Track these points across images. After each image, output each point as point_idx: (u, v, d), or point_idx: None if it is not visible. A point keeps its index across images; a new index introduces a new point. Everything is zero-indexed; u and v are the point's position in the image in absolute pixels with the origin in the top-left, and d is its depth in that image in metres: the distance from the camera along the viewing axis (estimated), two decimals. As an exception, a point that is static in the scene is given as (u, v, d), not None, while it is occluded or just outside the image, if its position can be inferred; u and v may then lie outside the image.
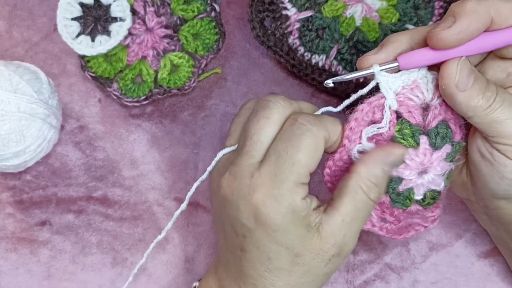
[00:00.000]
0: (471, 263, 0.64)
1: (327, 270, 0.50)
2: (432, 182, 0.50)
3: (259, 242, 0.48)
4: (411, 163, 0.49)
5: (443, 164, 0.50)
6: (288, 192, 0.47)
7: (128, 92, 0.63)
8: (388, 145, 0.49)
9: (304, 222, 0.47)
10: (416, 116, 0.49)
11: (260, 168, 0.47)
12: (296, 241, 0.48)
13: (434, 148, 0.49)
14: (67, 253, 0.64)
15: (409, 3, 0.64)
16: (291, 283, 0.50)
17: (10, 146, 0.58)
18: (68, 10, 0.60)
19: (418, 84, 0.49)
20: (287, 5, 0.64)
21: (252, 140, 0.48)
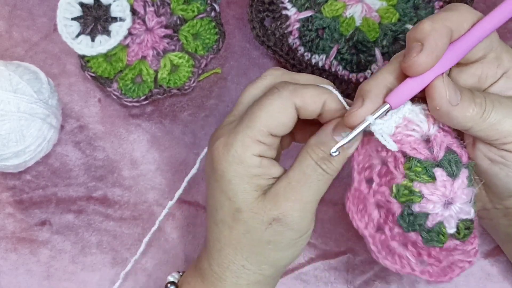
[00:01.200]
0: (471, 263, 0.64)
1: (268, 237, 0.49)
2: (461, 211, 0.48)
3: (212, 190, 0.50)
4: (433, 198, 0.48)
5: (467, 191, 0.49)
6: (239, 143, 0.48)
7: (128, 92, 0.63)
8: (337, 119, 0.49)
9: (252, 180, 0.48)
10: (422, 150, 0.48)
11: (231, 123, 0.50)
12: (239, 194, 0.49)
13: (453, 177, 0.48)
14: (67, 253, 0.64)
15: (409, 3, 0.64)
16: (233, 241, 0.50)
17: (10, 146, 0.58)
18: (68, 10, 0.61)
19: (410, 119, 0.48)
20: (287, 5, 0.64)
21: (237, 102, 0.52)
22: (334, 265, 0.64)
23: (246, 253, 0.51)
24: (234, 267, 0.51)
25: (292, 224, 0.49)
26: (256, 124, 0.48)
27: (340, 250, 0.64)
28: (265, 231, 0.49)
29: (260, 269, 0.51)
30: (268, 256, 0.51)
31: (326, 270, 0.64)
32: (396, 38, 0.64)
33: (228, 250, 0.51)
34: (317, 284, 0.64)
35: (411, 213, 0.48)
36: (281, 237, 0.49)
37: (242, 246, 0.50)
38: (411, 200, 0.48)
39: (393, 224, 0.49)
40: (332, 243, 0.64)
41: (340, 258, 0.64)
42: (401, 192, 0.48)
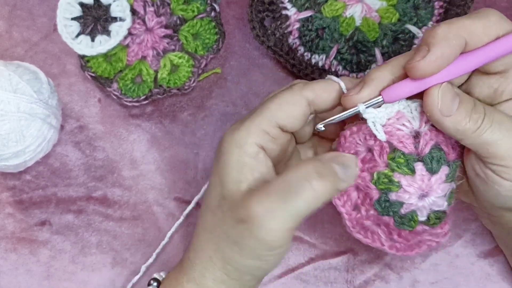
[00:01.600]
0: (471, 263, 0.64)
1: (234, 236, 0.47)
2: (434, 204, 0.50)
3: (212, 172, 0.49)
4: (409, 189, 0.49)
5: (443, 186, 0.50)
6: (244, 128, 0.47)
7: (128, 92, 0.63)
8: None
9: (243, 169, 0.47)
10: (408, 145, 0.49)
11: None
12: (229, 181, 0.47)
13: (432, 173, 0.49)
14: (67, 253, 0.64)
15: (409, 3, 0.64)
16: (210, 227, 0.49)
17: (10, 146, 0.58)
18: (68, 10, 0.61)
19: (403, 114, 0.49)
20: (287, 5, 0.64)
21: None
22: (334, 265, 0.64)
23: (216, 245, 0.49)
24: (204, 255, 0.49)
25: (257, 233, 0.45)
26: (265, 113, 0.47)
27: (340, 250, 0.64)
28: (233, 229, 0.46)
29: (224, 267, 0.49)
30: (232, 257, 0.48)
31: (326, 270, 0.64)
32: (396, 38, 0.64)
33: (204, 236, 0.49)
34: (317, 284, 0.64)
35: (387, 200, 0.50)
36: (245, 242, 0.46)
37: (215, 236, 0.48)
38: (389, 188, 0.49)
39: (369, 207, 0.51)
40: (332, 243, 0.64)
41: (340, 258, 0.64)
42: (381, 179, 0.49)
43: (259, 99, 0.66)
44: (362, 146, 0.50)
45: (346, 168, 0.47)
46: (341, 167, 0.47)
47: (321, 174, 0.45)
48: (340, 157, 0.48)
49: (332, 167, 0.46)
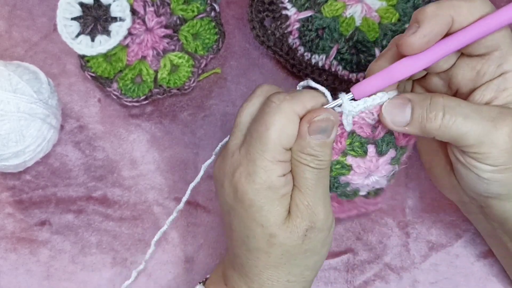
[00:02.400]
0: (471, 263, 0.64)
1: (304, 247, 0.50)
2: (376, 183, 0.53)
3: (239, 219, 0.50)
4: (359, 170, 0.51)
5: (387, 167, 0.52)
6: (262, 170, 0.47)
7: (128, 92, 0.63)
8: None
9: (282, 200, 0.49)
10: (366, 130, 0.50)
11: (240, 148, 0.49)
12: (271, 219, 0.48)
13: (380, 155, 0.51)
14: (67, 253, 0.64)
15: (408, 3, 0.64)
16: (272, 264, 0.50)
17: (10, 146, 0.58)
18: (68, 10, 0.60)
19: (379, 108, 0.50)
20: (287, 5, 0.64)
21: (236, 122, 0.51)
22: (334, 265, 0.64)
23: (288, 269, 0.51)
24: (279, 284, 0.51)
25: (322, 226, 0.49)
26: (270, 145, 0.47)
27: (340, 250, 0.64)
28: (301, 245, 0.50)
29: (303, 276, 0.52)
30: (308, 263, 0.51)
31: (326, 270, 0.64)
32: (396, 38, 0.64)
33: (269, 272, 0.51)
34: (317, 284, 0.64)
35: (337, 182, 0.53)
36: (316, 241, 0.50)
37: (282, 265, 0.51)
38: (341, 174, 0.52)
39: None
40: (332, 243, 0.64)
41: (340, 258, 0.64)
42: (333, 167, 0.52)
43: (259, 99, 0.66)
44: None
45: (326, 130, 0.48)
46: (321, 134, 0.48)
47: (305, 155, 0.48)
48: (314, 124, 0.48)
49: (312, 140, 0.48)
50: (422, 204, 0.65)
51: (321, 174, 0.49)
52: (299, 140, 0.48)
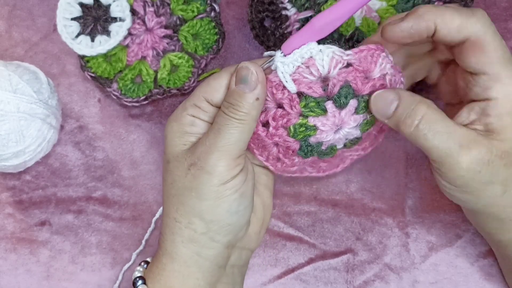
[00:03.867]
0: (471, 263, 0.64)
1: (188, 183, 0.51)
2: (348, 134, 0.53)
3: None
4: (325, 128, 0.52)
5: (354, 117, 0.52)
6: (180, 108, 0.53)
7: (128, 92, 0.63)
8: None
9: (184, 136, 0.52)
10: (317, 89, 0.51)
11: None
12: (169, 147, 0.53)
13: (341, 108, 0.52)
14: (67, 253, 0.64)
15: (408, 3, 0.64)
16: (166, 193, 0.53)
17: (10, 146, 0.58)
18: (68, 10, 0.60)
19: (314, 61, 0.51)
20: (287, 5, 0.64)
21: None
22: (334, 265, 0.64)
23: (176, 204, 0.52)
24: (169, 221, 0.53)
25: (207, 167, 0.50)
26: (196, 91, 0.53)
27: (340, 250, 0.64)
28: (185, 178, 0.51)
29: (190, 222, 0.52)
30: (193, 206, 0.51)
31: (326, 270, 0.64)
32: (396, 38, 0.64)
33: (165, 205, 0.54)
34: (317, 285, 0.64)
35: (309, 145, 0.53)
36: (200, 181, 0.51)
37: (171, 197, 0.52)
38: (307, 135, 0.52)
39: (293, 156, 0.54)
40: (332, 243, 0.64)
41: (339, 258, 0.64)
42: (298, 130, 0.52)
43: (259, 99, 0.66)
44: (271, 102, 0.52)
45: (246, 80, 0.50)
46: (243, 84, 0.50)
47: (230, 101, 0.51)
48: (237, 74, 0.51)
49: (236, 90, 0.50)
50: (422, 204, 0.65)
51: (234, 124, 0.50)
52: (227, 91, 0.51)
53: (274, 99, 0.52)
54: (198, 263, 0.53)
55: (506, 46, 0.50)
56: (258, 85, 0.50)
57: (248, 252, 0.58)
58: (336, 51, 0.51)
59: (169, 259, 0.53)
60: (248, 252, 0.58)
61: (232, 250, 0.55)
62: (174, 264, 0.53)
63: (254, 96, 0.50)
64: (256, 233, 0.57)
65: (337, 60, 0.51)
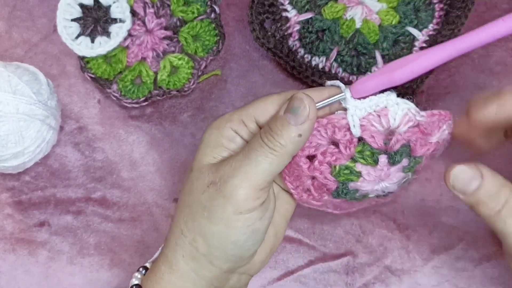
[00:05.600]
0: (473, 266, 0.64)
1: (204, 201, 0.49)
2: (386, 188, 0.52)
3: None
4: (369, 177, 0.50)
5: (399, 175, 0.51)
6: (226, 116, 0.51)
7: (128, 93, 0.63)
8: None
9: (217, 148, 0.50)
10: (379, 141, 0.49)
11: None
12: (198, 154, 0.51)
13: (392, 164, 0.50)
14: (65, 254, 0.64)
15: (409, 5, 0.64)
16: (181, 201, 0.51)
17: (9, 147, 0.58)
18: (68, 11, 0.60)
19: (387, 112, 0.49)
20: (287, 7, 0.64)
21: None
22: (334, 268, 0.64)
23: (186, 216, 0.50)
24: (176, 230, 0.51)
25: (225, 191, 0.47)
26: (247, 108, 0.51)
27: (340, 253, 0.64)
28: (202, 194, 0.49)
29: (194, 239, 0.49)
30: (202, 225, 0.49)
31: (326, 272, 0.64)
32: (397, 40, 0.64)
33: (177, 210, 0.52)
34: (317, 287, 0.64)
35: (345, 188, 0.51)
36: (214, 204, 0.48)
37: (184, 207, 0.50)
38: (349, 179, 0.51)
39: (324, 193, 0.52)
40: (332, 245, 0.64)
41: (339, 261, 0.64)
42: (342, 172, 0.50)
43: (259, 101, 0.66)
44: (325, 140, 0.50)
45: (296, 111, 0.48)
46: (291, 114, 0.48)
47: (272, 130, 0.48)
48: (289, 103, 0.48)
49: (283, 119, 0.48)
50: (423, 206, 0.64)
51: (264, 153, 0.48)
52: (272, 117, 0.49)
53: (331, 138, 0.50)
54: (195, 280, 0.51)
55: None
56: (306, 121, 0.47)
57: (248, 276, 0.55)
58: (412, 109, 0.49)
59: (168, 268, 0.51)
60: (248, 277, 0.55)
61: (231, 274, 0.53)
62: (172, 275, 0.51)
63: (298, 132, 0.47)
64: (261, 261, 0.55)
65: (410, 118, 0.49)
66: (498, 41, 0.65)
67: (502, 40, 0.66)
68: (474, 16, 0.66)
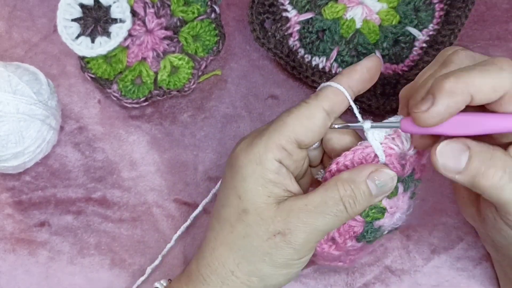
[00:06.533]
0: (473, 266, 0.64)
1: (266, 248, 0.48)
2: (399, 219, 0.51)
3: (224, 186, 0.50)
4: (391, 210, 0.50)
5: (408, 202, 0.51)
6: (262, 145, 0.48)
7: (128, 93, 0.63)
8: (376, 165, 0.48)
9: (267, 184, 0.48)
10: (397, 166, 0.49)
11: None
12: (250, 195, 0.48)
13: (405, 191, 0.50)
14: (66, 254, 0.64)
15: (409, 5, 0.64)
16: (230, 242, 0.50)
17: (9, 147, 0.58)
18: (68, 11, 0.60)
19: (399, 134, 0.48)
20: (288, 7, 0.64)
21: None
22: (334, 268, 0.64)
23: (239, 259, 0.49)
24: (223, 271, 0.50)
25: (295, 244, 0.48)
26: (283, 129, 0.48)
27: (340, 253, 0.64)
28: (265, 241, 0.48)
29: (249, 280, 0.50)
30: (261, 269, 0.49)
31: (326, 272, 0.64)
32: (397, 40, 0.64)
33: (221, 251, 0.50)
34: (317, 287, 0.64)
35: (371, 229, 0.51)
36: (280, 253, 0.48)
37: (237, 249, 0.49)
38: (376, 218, 0.50)
39: (348, 239, 0.51)
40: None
41: (339, 261, 0.64)
42: (370, 212, 0.49)
43: (259, 101, 0.66)
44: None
45: (382, 185, 0.47)
46: (375, 185, 0.47)
47: (356, 198, 0.47)
48: (377, 174, 0.47)
49: (367, 188, 0.47)
50: (424, 206, 0.64)
51: (341, 216, 0.48)
52: (355, 171, 0.48)
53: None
54: None
55: None
56: (384, 195, 0.48)
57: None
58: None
59: None
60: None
61: None
62: None
63: (374, 202, 0.48)
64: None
65: (411, 139, 0.49)
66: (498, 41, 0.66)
67: (502, 40, 0.66)
68: (474, 16, 0.66)
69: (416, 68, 0.63)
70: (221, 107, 0.66)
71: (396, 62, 0.64)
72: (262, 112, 0.66)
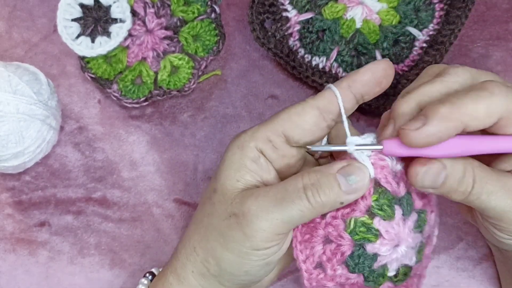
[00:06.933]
0: (473, 266, 0.64)
1: (222, 228, 0.48)
2: (405, 255, 0.48)
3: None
4: (388, 236, 0.47)
5: (413, 235, 0.48)
6: (249, 133, 0.49)
7: (128, 93, 0.63)
8: (349, 160, 0.47)
9: (241, 170, 0.48)
10: (392, 182, 0.47)
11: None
12: (222, 176, 0.49)
13: (406, 217, 0.48)
14: (66, 254, 0.64)
15: (409, 5, 0.64)
16: (198, 219, 0.50)
17: (9, 147, 0.58)
18: (68, 11, 0.61)
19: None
20: (288, 7, 0.64)
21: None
22: None
23: (201, 236, 0.50)
24: (188, 246, 0.51)
25: (246, 229, 0.46)
26: (272, 122, 0.48)
27: (340, 253, 0.64)
28: (222, 221, 0.48)
29: (206, 260, 0.49)
30: (215, 249, 0.48)
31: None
32: (397, 40, 0.64)
33: (191, 227, 0.51)
34: (317, 287, 0.64)
35: (363, 254, 0.47)
36: (232, 235, 0.47)
37: (201, 226, 0.50)
38: (366, 239, 0.47)
39: (338, 264, 0.48)
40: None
41: (340, 261, 0.64)
42: (358, 229, 0.47)
43: (259, 101, 0.66)
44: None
45: (353, 181, 0.46)
46: (346, 179, 0.46)
47: (320, 187, 0.46)
48: (348, 168, 0.46)
49: (335, 180, 0.46)
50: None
51: (300, 205, 0.46)
52: (325, 166, 0.47)
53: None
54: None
55: None
56: (356, 193, 0.46)
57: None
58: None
59: (176, 280, 0.51)
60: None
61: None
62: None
63: (344, 199, 0.46)
64: (270, 280, 0.54)
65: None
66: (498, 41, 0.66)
67: (502, 40, 0.66)
68: (474, 16, 0.66)
69: (416, 68, 0.63)
70: (221, 107, 0.66)
71: (396, 62, 0.64)
72: (262, 112, 0.66)
